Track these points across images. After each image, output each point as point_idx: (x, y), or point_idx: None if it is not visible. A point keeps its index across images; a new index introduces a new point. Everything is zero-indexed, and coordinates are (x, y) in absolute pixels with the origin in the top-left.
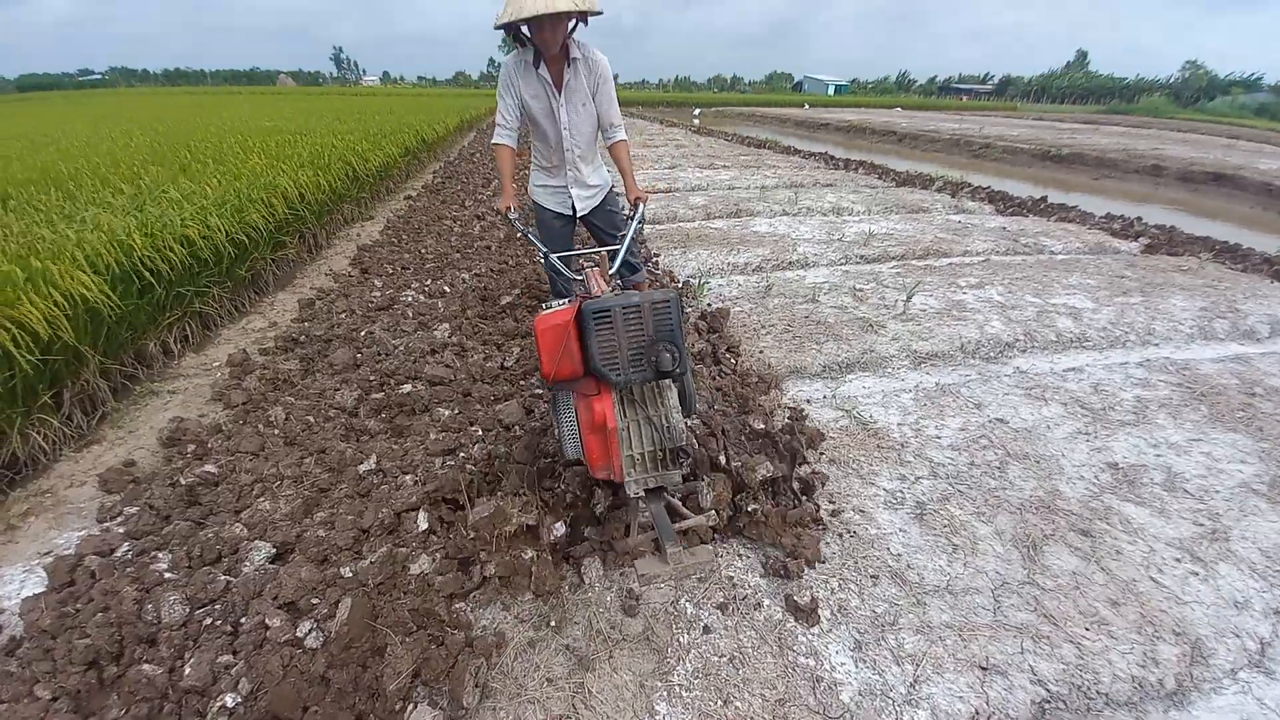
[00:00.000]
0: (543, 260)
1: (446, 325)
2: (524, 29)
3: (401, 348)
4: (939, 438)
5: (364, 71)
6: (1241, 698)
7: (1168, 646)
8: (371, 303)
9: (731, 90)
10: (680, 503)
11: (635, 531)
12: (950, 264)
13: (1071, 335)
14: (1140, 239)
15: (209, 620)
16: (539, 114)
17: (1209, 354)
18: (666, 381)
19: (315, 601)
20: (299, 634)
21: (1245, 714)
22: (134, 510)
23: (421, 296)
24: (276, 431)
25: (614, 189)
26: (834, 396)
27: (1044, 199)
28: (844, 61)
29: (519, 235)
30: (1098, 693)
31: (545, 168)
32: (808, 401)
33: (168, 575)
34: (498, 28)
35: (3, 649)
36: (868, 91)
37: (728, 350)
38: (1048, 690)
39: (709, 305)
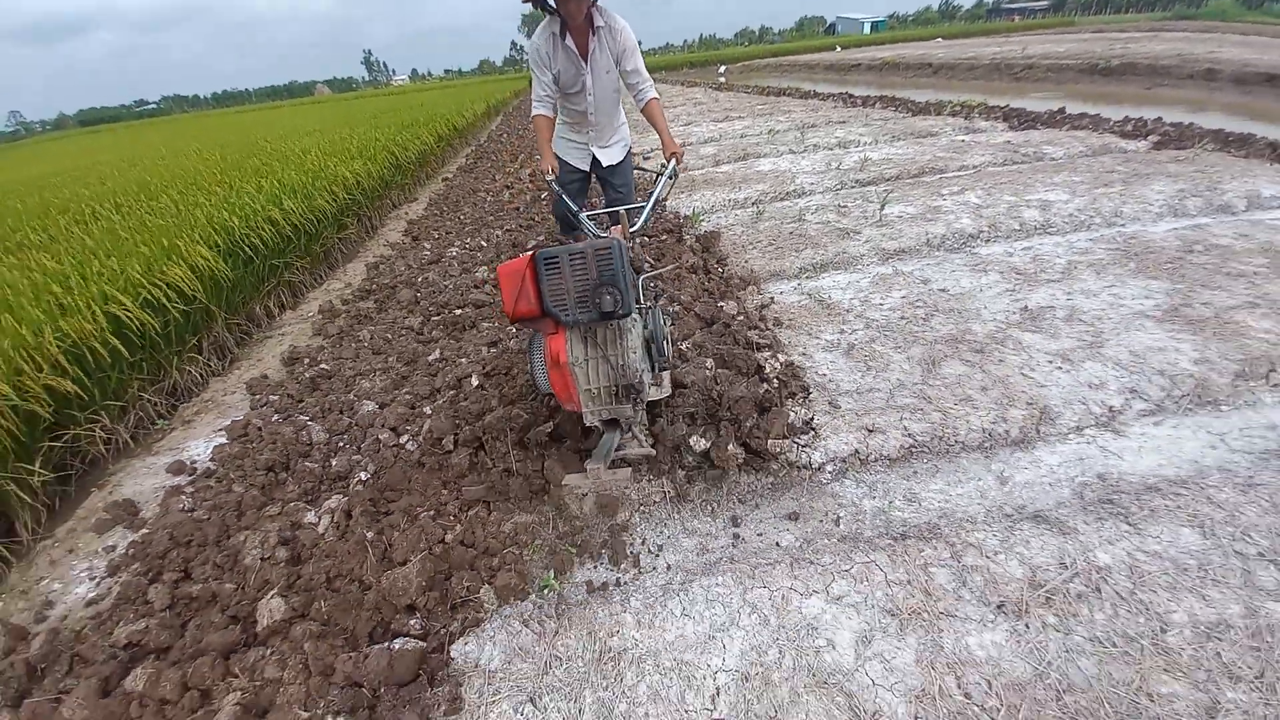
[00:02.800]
0: (571, 216)
1: (485, 267)
2: (550, 1)
3: (451, 286)
4: (881, 304)
5: (393, 71)
6: (1084, 446)
7: (1018, 411)
8: (424, 259)
9: (760, 42)
10: (639, 434)
11: (599, 456)
12: (941, 178)
13: (1036, 224)
14: (1150, 137)
15: (342, 442)
16: (567, 83)
17: (1167, 226)
18: (628, 324)
19: (409, 425)
20: (401, 441)
21: (1084, 456)
22: (275, 398)
23: (463, 251)
24: (366, 345)
25: (632, 150)
26: (801, 287)
27: (1061, 110)
28: None
29: (558, 195)
30: (955, 440)
31: (570, 124)
32: (780, 294)
33: (310, 422)
34: (525, 0)
35: (203, 474)
36: (907, 25)
37: (717, 262)
38: (914, 439)
39: (703, 230)
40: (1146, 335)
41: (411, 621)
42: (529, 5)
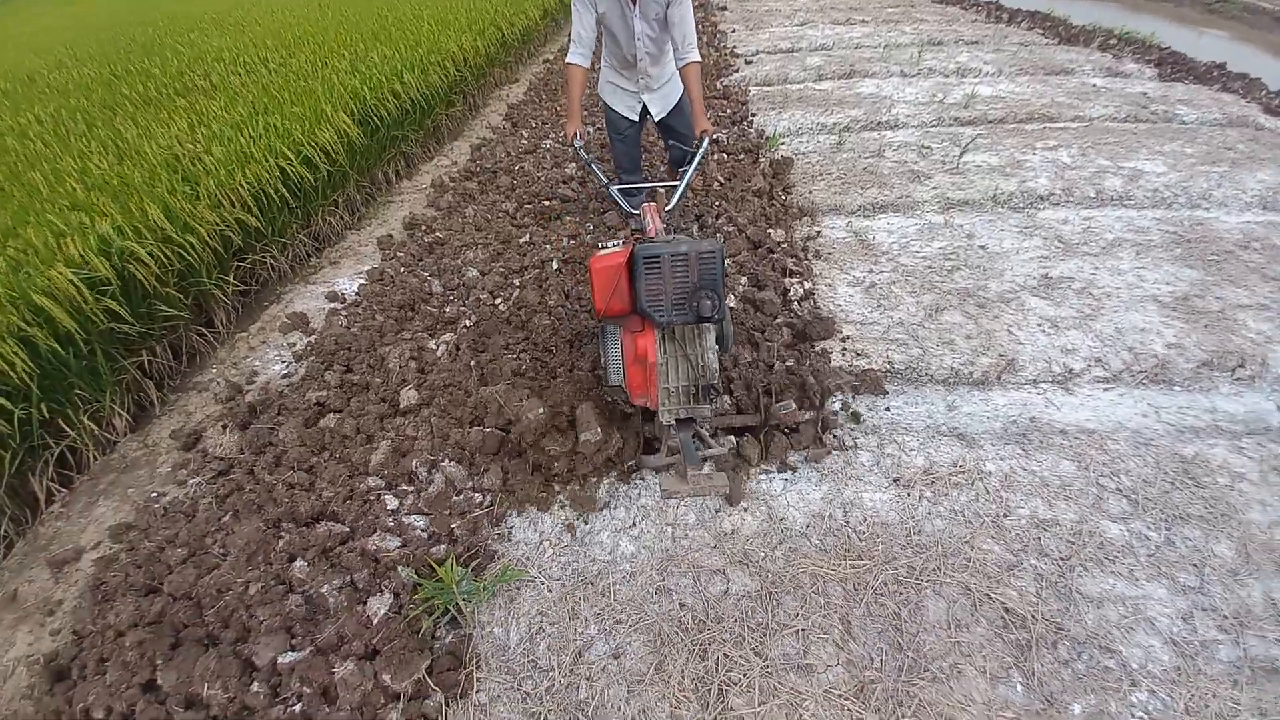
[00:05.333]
0: (603, 188)
1: (574, 165)
2: None
3: (543, 178)
4: (918, 252)
5: None
6: (1032, 395)
7: (987, 359)
8: (520, 148)
9: None
10: (706, 433)
11: (665, 451)
12: (1045, 128)
13: (1114, 194)
14: None
15: (452, 296)
16: (613, 24)
17: (1246, 218)
18: (706, 324)
19: (502, 292)
20: (495, 302)
21: (1028, 403)
22: (401, 255)
23: (556, 145)
24: (470, 222)
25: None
26: (852, 225)
27: (1222, 66)
28: None
29: (582, 164)
30: (924, 372)
31: (617, 69)
32: (830, 228)
33: (429, 278)
34: None
35: (351, 303)
36: None
37: (783, 190)
38: (892, 366)
39: (779, 155)
40: (1141, 316)
41: (493, 418)
42: None
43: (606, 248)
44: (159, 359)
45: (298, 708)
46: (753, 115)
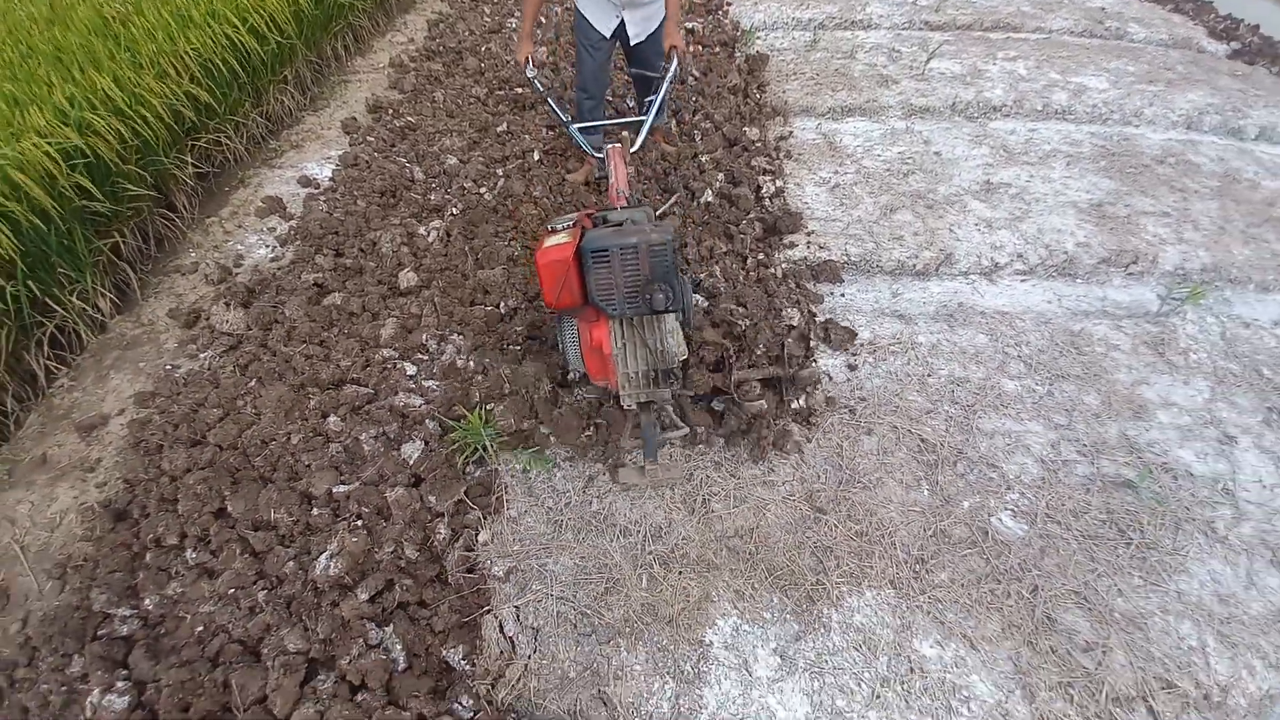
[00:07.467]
0: (563, 125)
1: (544, 49)
2: None
3: (512, 62)
4: (879, 155)
5: None
6: (962, 284)
7: (928, 253)
8: (484, 26)
9: None
10: (672, 411)
11: (629, 434)
12: (1008, 38)
13: (1058, 108)
14: (1231, 43)
15: (435, 184)
16: None
17: (1168, 136)
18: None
19: (486, 181)
20: (480, 191)
21: (958, 291)
22: (371, 139)
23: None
24: (440, 107)
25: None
26: (821, 127)
27: None
28: None
29: (538, 97)
30: (876, 264)
31: None
32: (801, 129)
33: (408, 164)
34: None
35: (328, 189)
36: None
37: (758, 87)
38: (849, 258)
39: (754, 51)
40: (1059, 219)
41: (492, 298)
42: None
43: (557, 230)
44: (128, 241)
45: (359, 523)
46: (728, 4)
